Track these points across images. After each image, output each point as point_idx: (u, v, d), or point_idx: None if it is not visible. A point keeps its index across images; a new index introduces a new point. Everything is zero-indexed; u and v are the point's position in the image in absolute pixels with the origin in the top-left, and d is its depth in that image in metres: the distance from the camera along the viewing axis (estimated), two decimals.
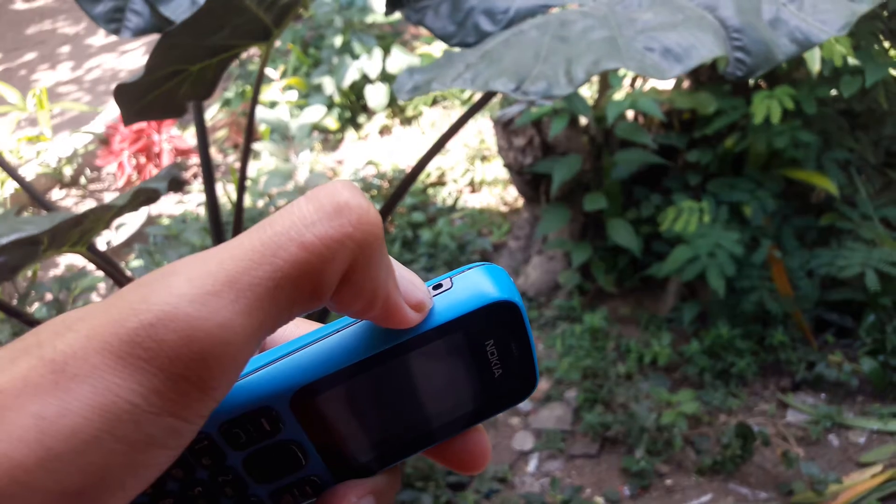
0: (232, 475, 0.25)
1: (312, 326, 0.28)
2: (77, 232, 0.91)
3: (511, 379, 0.27)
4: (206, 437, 0.24)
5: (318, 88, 2.98)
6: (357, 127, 3.07)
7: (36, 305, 2.06)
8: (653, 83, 2.11)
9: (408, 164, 2.76)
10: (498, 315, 0.25)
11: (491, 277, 0.25)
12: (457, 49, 0.96)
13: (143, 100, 1.07)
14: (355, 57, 2.92)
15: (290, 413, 0.24)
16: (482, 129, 2.80)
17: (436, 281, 0.26)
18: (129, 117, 1.10)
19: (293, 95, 2.88)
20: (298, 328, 0.28)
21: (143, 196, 1.04)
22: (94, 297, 2.21)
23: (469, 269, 0.26)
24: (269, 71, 2.89)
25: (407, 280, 0.24)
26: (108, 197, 2.97)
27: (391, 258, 0.24)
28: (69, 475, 0.19)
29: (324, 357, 0.24)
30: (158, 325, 0.19)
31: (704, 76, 2.02)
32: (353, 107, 3.08)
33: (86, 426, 0.19)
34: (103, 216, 0.92)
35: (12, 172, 1.24)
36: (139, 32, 1.13)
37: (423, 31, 3.23)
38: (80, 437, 0.19)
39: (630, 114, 2.14)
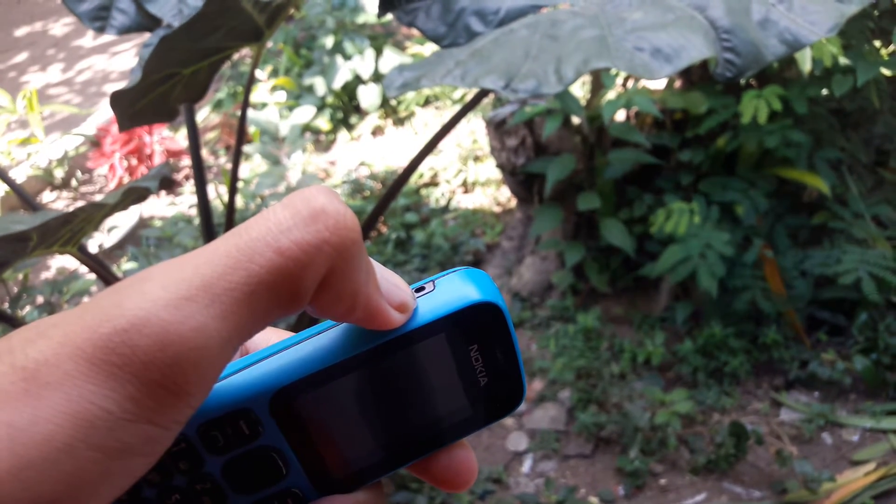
0: (210, 483, 0.24)
1: (287, 335, 0.27)
2: (67, 230, 0.90)
3: (497, 389, 0.26)
4: (184, 439, 0.23)
5: (310, 89, 2.97)
6: (349, 128, 3.06)
7: (28, 309, 2.04)
8: (644, 83, 2.11)
9: (400, 164, 2.75)
10: (480, 317, 0.25)
11: (473, 280, 0.25)
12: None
13: (137, 105, 1.06)
14: (347, 57, 2.92)
15: (270, 416, 0.24)
16: (475, 129, 2.80)
17: (418, 285, 0.26)
18: (123, 123, 1.09)
19: (282, 96, 2.87)
20: (275, 336, 0.28)
21: (133, 195, 1.03)
22: (86, 300, 2.19)
23: (452, 272, 0.26)
24: (258, 72, 2.88)
25: (389, 282, 0.24)
26: (99, 199, 2.96)
27: (372, 260, 0.24)
28: (41, 484, 0.18)
29: (305, 359, 0.24)
30: (132, 331, 0.19)
31: (696, 76, 2.02)
32: (346, 107, 3.08)
33: (58, 434, 0.19)
34: (94, 215, 0.91)
35: (2, 175, 1.23)
36: (125, 31, 1.13)
37: (415, 31, 3.23)
38: (53, 444, 0.18)
39: (622, 114, 2.15)
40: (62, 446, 0.19)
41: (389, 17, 1.06)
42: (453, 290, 0.25)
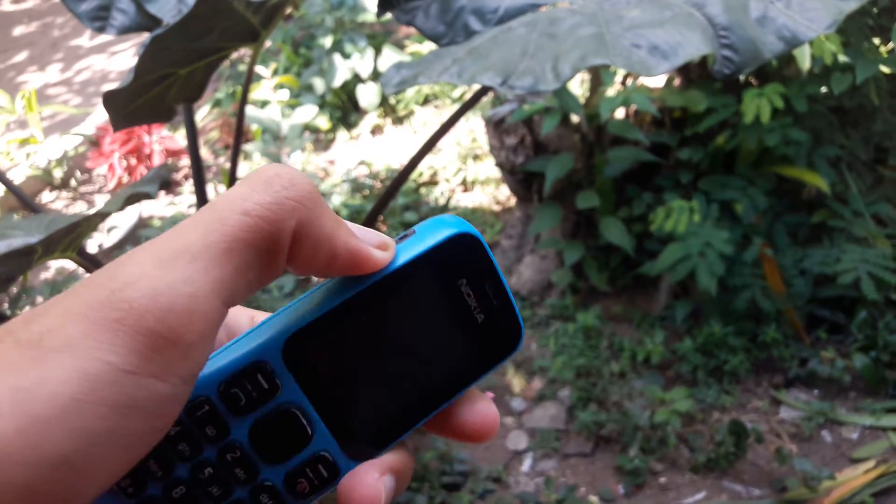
0: (240, 452, 0.25)
1: None
2: (69, 238, 0.90)
3: (495, 326, 0.28)
4: (206, 400, 0.24)
5: (310, 88, 2.97)
6: (349, 126, 3.06)
7: (27, 309, 2.04)
8: (644, 81, 2.11)
9: (400, 163, 2.75)
10: (461, 248, 0.27)
11: (450, 220, 0.27)
12: None
13: (131, 105, 1.06)
14: (346, 56, 2.92)
15: (284, 366, 0.25)
16: (474, 128, 2.80)
17: (399, 235, 0.28)
18: (117, 123, 1.09)
19: (285, 94, 2.87)
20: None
21: (134, 201, 1.03)
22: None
23: (430, 219, 0.28)
24: (260, 69, 2.88)
25: (363, 230, 0.26)
26: (99, 198, 2.95)
27: (341, 218, 0.26)
28: (49, 441, 0.19)
29: (308, 308, 0.26)
30: (127, 289, 0.21)
31: (695, 74, 2.02)
32: (345, 106, 3.08)
33: (64, 390, 0.19)
34: (96, 223, 0.91)
35: (0, 176, 1.23)
36: (125, 31, 1.13)
37: (414, 30, 3.23)
38: (59, 401, 0.19)
39: (621, 112, 2.14)
40: (68, 402, 0.19)
41: (388, 15, 1.06)
42: (432, 229, 0.27)
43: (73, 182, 3.07)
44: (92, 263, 1.11)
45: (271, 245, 0.23)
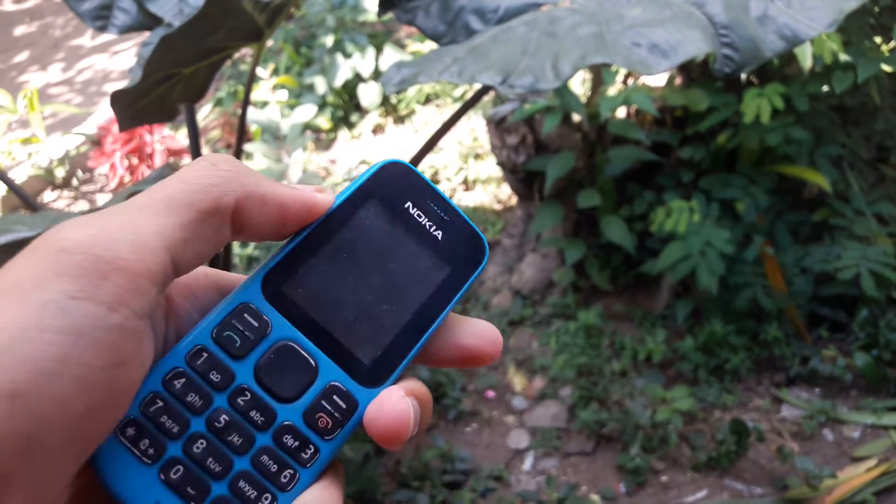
0: (250, 394, 0.25)
1: None
2: None
3: (455, 238, 0.29)
4: (202, 348, 0.25)
5: (311, 88, 2.97)
6: (350, 126, 3.06)
7: None
8: (645, 80, 2.11)
9: None
10: (394, 174, 0.29)
11: (384, 160, 0.30)
12: None
13: (137, 105, 1.06)
14: (347, 56, 2.92)
15: (268, 304, 0.26)
16: (475, 127, 2.80)
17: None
18: (124, 123, 1.09)
19: (283, 95, 2.87)
20: None
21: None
22: None
23: None
24: (259, 70, 2.88)
25: (298, 185, 0.28)
26: (101, 198, 2.96)
27: None
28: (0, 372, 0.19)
29: (274, 254, 0.28)
30: (73, 229, 0.22)
31: (696, 73, 2.02)
32: (346, 106, 3.08)
33: (13, 321, 0.20)
34: None
35: (2, 175, 1.23)
36: (126, 30, 1.13)
37: (415, 29, 3.23)
38: (9, 331, 0.20)
39: (622, 111, 2.14)
40: (16, 332, 0.20)
41: (390, 15, 1.06)
42: (366, 170, 0.29)
43: (74, 181, 3.07)
44: None
45: (212, 206, 0.25)
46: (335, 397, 0.26)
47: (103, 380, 0.21)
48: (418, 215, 0.29)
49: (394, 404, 0.26)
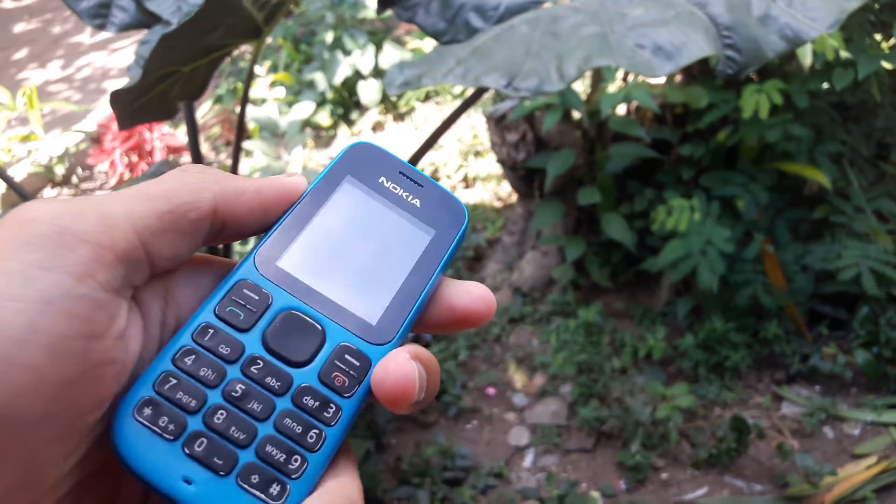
0: (262, 362, 0.26)
1: None
2: None
3: (434, 206, 0.31)
4: (207, 325, 0.26)
5: (311, 85, 2.97)
6: (350, 123, 3.06)
7: None
8: (645, 78, 2.11)
9: None
10: (360, 153, 0.31)
11: (351, 143, 0.31)
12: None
13: (136, 103, 1.06)
14: (347, 53, 2.91)
15: (265, 279, 0.27)
16: (475, 124, 2.80)
17: None
18: (123, 121, 1.09)
19: (282, 92, 2.87)
20: None
21: None
22: None
23: None
24: (257, 68, 2.88)
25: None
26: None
27: None
28: None
29: (263, 235, 0.28)
30: (43, 204, 0.23)
31: (696, 70, 2.02)
32: (346, 103, 3.07)
33: None
34: None
35: (1, 173, 1.23)
36: (125, 28, 1.13)
37: (415, 26, 3.22)
38: None
39: (622, 108, 2.14)
40: None
41: (389, 12, 1.06)
42: (337, 153, 0.30)
43: (74, 179, 3.07)
44: None
45: (188, 201, 0.25)
46: (347, 356, 0.27)
47: (76, 350, 0.21)
48: (393, 188, 0.30)
49: (399, 365, 0.26)
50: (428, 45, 2.95)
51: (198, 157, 1.25)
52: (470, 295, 0.29)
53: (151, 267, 0.25)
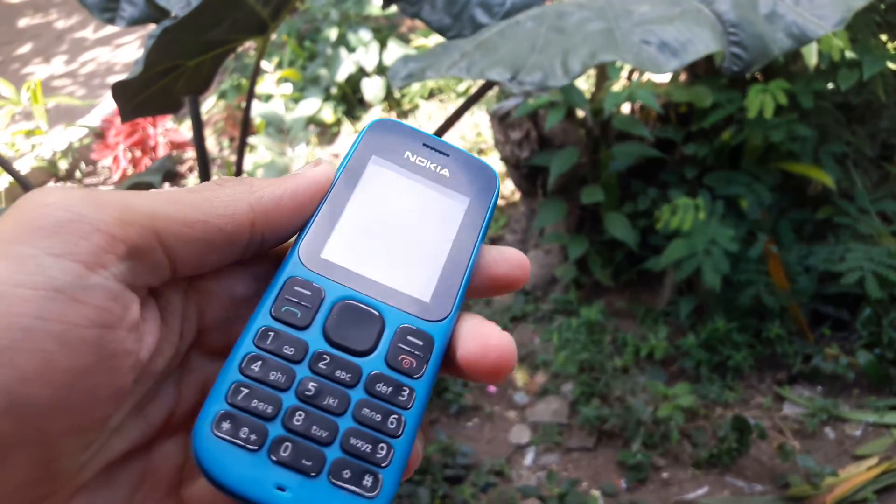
0: (329, 357, 0.25)
1: None
2: None
3: (463, 173, 0.30)
4: (267, 328, 0.25)
5: (315, 81, 2.97)
6: (354, 120, 3.06)
7: None
8: (649, 76, 2.11)
9: None
10: (382, 130, 0.30)
11: (370, 122, 0.31)
12: None
13: (140, 96, 1.06)
14: (351, 50, 2.91)
15: (313, 273, 0.27)
16: (479, 122, 2.80)
17: None
18: (126, 114, 1.09)
19: (288, 88, 2.87)
20: None
21: (137, 190, 1.03)
22: None
23: None
24: (263, 63, 2.88)
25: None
26: (104, 190, 2.96)
27: None
28: None
29: (302, 230, 0.28)
30: (60, 191, 0.22)
31: (701, 69, 2.01)
32: (350, 100, 3.07)
33: None
34: None
35: (6, 166, 1.23)
36: (134, 22, 1.13)
37: (419, 23, 3.22)
38: None
39: (627, 107, 2.14)
40: None
41: (394, 8, 1.06)
42: (357, 134, 0.30)
43: (77, 173, 3.07)
44: None
45: (223, 216, 0.25)
46: (410, 337, 0.26)
47: (88, 340, 0.21)
48: (420, 161, 0.30)
49: (499, 338, 0.26)
50: (433, 42, 2.95)
51: (202, 153, 1.25)
52: (509, 263, 0.29)
53: (173, 272, 0.25)
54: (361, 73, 2.95)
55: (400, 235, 0.29)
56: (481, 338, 0.26)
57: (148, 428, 0.25)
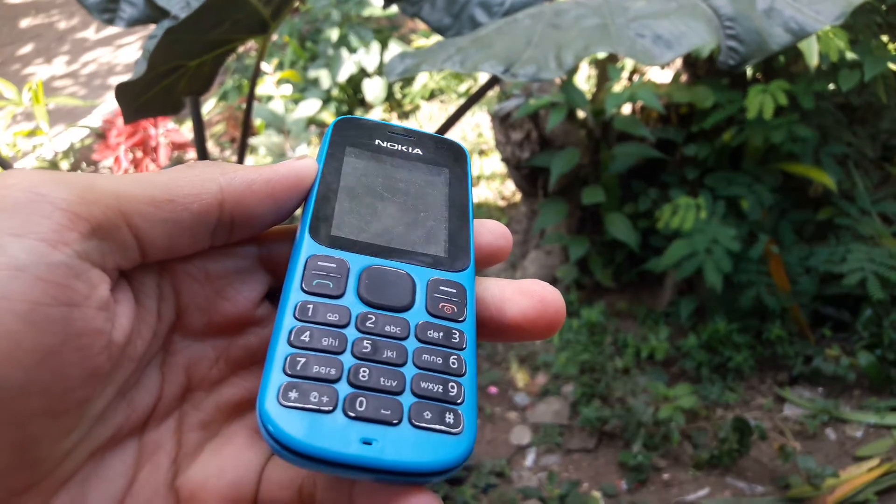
0: (374, 316, 0.26)
1: None
2: None
3: (435, 150, 0.32)
4: (305, 302, 0.25)
5: (315, 82, 2.97)
6: None
7: None
8: (650, 77, 2.11)
9: None
10: (347, 125, 0.32)
11: (333, 120, 0.32)
12: None
13: (142, 97, 1.06)
14: (352, 51, 2.91)
15: (330, 248, 0.27)
16: (480, 123, 2.80)
17: None
18: (129, 115, 1.09)
19: (287, 89, 2.87)
20: None
21: None
22: None
23: None
24: (263, 65, 2.88)
25: None
26: None
27: None
28: None
29: (303, 216, 0.28)
30: (24, 172, 0.22)
31: (702, 70, 2.01)
32: (351, 101, 3.08)
33: None
34: None
35: (7, 167, 1.24)
36: (133, 23, 1.13)
37: (420, 24, 3.22)
38: None
39: (627, 108, 2.14)
40: None
41: (394, 9, 1.06)
42: (325, 131, 0.32)
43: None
44: None
45: (190, 194, 0.25)
46: (442, 287, 0.27)
47: (53, 318, 0.21)
48: (391, 145, 0.32)
49: (553, 293, 0.27)
50: (433, 43, 2.95)
51: (203, 154, 1.25)
52: (492, 233, 0.29)
53: (143, 254, 0.24)
54: (362, 73, 2.95)
55: (398, 205, 0.30)
56: (536, 295, 0.27)
57: (133, 413, 0.25)
